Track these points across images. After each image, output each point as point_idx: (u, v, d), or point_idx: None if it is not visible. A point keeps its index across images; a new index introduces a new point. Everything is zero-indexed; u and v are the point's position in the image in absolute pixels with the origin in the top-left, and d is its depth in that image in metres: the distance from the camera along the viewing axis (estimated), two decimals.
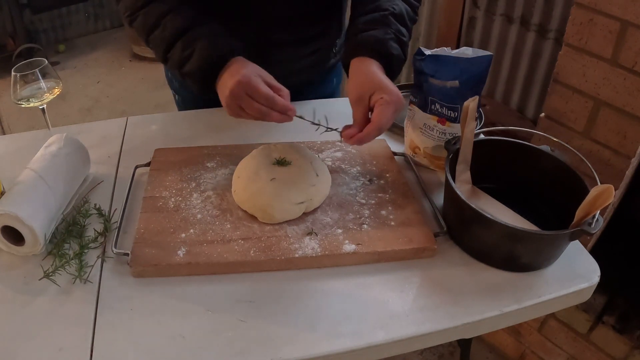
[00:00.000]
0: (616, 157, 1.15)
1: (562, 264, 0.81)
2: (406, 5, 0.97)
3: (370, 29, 0.90)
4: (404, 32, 0.93)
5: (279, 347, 0.67)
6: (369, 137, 0.82)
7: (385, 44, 0.88)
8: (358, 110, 0.84)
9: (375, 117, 0.82)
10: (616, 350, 1.35)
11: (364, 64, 0.87)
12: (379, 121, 0.81)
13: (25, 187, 0.79)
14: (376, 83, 0.84)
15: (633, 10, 1.02)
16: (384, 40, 0.89)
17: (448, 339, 0.75)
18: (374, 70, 0.86)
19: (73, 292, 0.74)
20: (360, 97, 0.84)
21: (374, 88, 0.83)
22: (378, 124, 0.81)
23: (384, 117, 0.81)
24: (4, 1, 3.20)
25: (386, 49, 0.88)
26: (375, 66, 0.87)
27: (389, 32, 0.90)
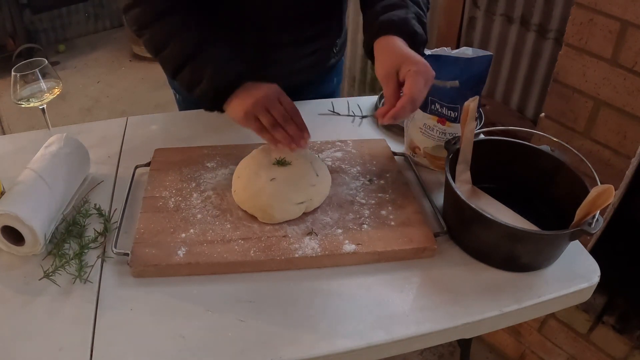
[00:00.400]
0: (616, 157, 1.15)
1: (562, 264, 0.81)
2: None
3: (390, 11, 0.89)
4: (422, 14, 0.93)
5: (279, 347, 0.67)
6: (404, 111, 0.79)
7: (408, 22, 0.88)
8: (388, 86, 0.81)
9: (407, 90, 0.79)
10: (616, 350, 1.35)
11: (388, 41, 0.86)
12: (411, 93, 0.78)
13: (25, 187, 0.79)
14: (403, 56, 0.82)
15: (633, 10, 1.02)
16: (407, 19, 0.88)
17: (448, 339, 0.75)
18: (399, 45, 0.85)
19: (73, 292, 0.74)
20: (388, 72, 0.82)
21: (401, 61, 0.81)
22: (411, 96, 0.78)
23: (416, 88, 0.78)
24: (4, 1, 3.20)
25: (409, 27, 0.87)
26: (400, 41, 0.85)
27: (409, 12, 0.89)
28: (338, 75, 1.29)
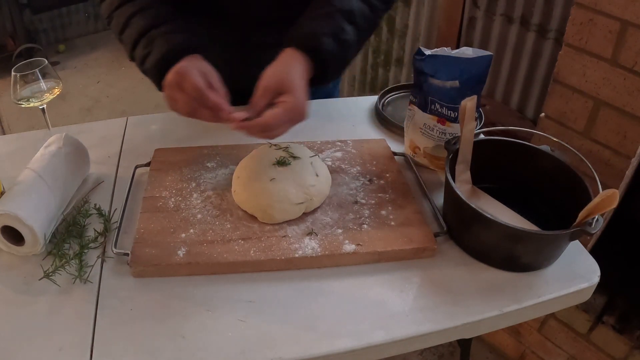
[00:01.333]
0: (616, 157, 1.15)
1: (562, 264, 0.81)
2: (364, 5, 0.91)
3: (309, 23, 0.86)
4: (347, 30, 0.87)
5: (279, 347, 0.67)
6: (250, 131, 0.77)
7: (318, 38, 0.83)
8: (260, 99, 0.79)
9: (267, 116, 0.76)
10: (616, 350, 1.35)
11: (292, 57, 0.82)
12: (269, 121, 0.76)
13: (25, 187, 0.79)
14: (289, 84, 0.78)
15: (633, 10, 1.02)
16: (317, 35, 0.84)
17: (448, 339, 0.75)
18: (296, 69, 0.81)
19: (73, 292, 0.74)
20: (267, 87, 0.79)
21: (285, 88, 0.78)
22: (267, 124, 0.76)
23: (277, 120, 0.76)
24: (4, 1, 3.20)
25: (317, 43, 0.83)
26: (301, 66, 0.82)
27: (326, 27, 0.85)
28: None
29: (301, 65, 0.82)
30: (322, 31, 0.84)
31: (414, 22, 2.12)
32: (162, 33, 0.86)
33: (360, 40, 0.91)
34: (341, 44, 0.85)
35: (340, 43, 0.85)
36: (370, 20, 0.92)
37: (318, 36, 0.84)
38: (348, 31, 0.87)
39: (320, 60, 0.83)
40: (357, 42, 0.89)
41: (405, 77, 2.25)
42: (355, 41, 0.88)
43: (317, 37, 0.83)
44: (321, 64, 0.84)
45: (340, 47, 0.85)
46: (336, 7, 0.87)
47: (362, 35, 0.90)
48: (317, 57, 0.83)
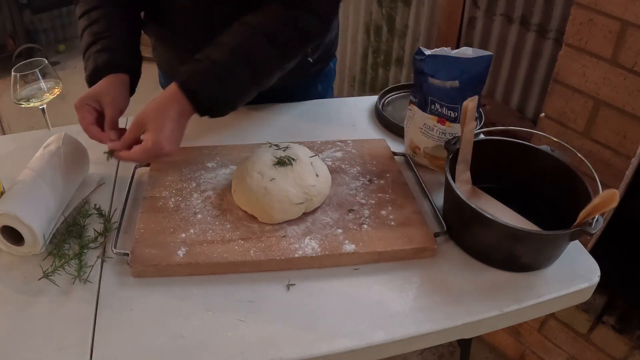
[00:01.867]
0: (616, 157, 1.15)
1: (562, 264, 0.81)
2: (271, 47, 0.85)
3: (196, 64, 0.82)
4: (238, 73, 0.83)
5: (279, 347, 0.67)
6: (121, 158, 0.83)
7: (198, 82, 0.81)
8: (129, 134, 0.82)
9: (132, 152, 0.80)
10: (616, 350, 1.35)
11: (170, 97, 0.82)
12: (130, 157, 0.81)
13: (25, 187, 0.79)
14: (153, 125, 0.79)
15: (633, 10, 1.02)
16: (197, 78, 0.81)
17: (448, 339, 0.75)
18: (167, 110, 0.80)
19: (73, 292, 0.74)
20: (136, 125, 0.81)
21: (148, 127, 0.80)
22: (129, 159, 0.82)
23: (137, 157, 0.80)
24: (4, 1, 3.20)
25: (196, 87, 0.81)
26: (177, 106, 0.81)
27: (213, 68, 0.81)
28: (323, 82, 1.24)
29: (176, 106, 0.81)
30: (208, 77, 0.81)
31: (414, 22, 2.12)
32: (95, 51, 0.89)
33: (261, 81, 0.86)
34: (229, 90, 0.83)
35: (228, 89, 0.83)
36: (278, 61, 0.88)
37: (201, 82, 0.81)
38: (241, 76, 0.83)
39: (200, 103, 0.82)
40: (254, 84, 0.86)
41: (405, 77, 2.26)
42: (251, 84, 0.85)
43: (200, 82, 0.81)
44: (201, 105, 0.82)
45: (227, 92, 0.83)
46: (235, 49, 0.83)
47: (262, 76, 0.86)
48: (196, 100, 0.81)
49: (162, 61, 1.19)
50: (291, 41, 0.87)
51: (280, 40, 0.85)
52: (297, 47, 0.89)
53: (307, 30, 0.88)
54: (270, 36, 0.85)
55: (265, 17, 0.86)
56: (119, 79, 0.88)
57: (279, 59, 0.87)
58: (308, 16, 0.87)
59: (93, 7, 0.94)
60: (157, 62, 1.20)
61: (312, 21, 0.88)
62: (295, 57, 0.90)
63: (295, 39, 0.88)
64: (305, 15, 0.87)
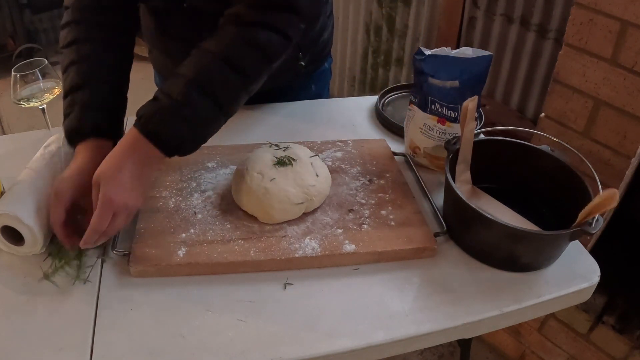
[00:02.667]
0: (616, 157, 1.15)
1: (562, 264, 0.81)
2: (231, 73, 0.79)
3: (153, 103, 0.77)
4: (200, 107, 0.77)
5: (279, 347, 0.67)
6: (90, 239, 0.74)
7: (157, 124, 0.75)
8: (94, 198, 0.74)
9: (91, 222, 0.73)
10: (616, 350, 1.35)
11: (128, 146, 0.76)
12: (92, 228, 0.73)
13: (25, 187, 0.79)
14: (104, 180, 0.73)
15: (633, 10, 1.02)
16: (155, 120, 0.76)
17: (448, 339, 0.75)
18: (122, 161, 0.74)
19: (73, 292, 0.74)
20: (95, 183, 0.74)
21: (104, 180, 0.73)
22: (93, 230, 0.73)
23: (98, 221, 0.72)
24: (4, 1, 3.20)
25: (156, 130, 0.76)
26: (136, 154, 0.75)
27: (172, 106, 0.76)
28: (316, 83, 1.22)
29: (135, 154, 0.75)
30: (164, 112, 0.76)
31: (414, 22, 2.12)
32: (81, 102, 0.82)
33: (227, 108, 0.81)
34: (190, 124, 0.77)
35: (189, 123, 0.77)
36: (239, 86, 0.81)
37: (157, 120, 0.76)
38: (201, 107, 0.77)
39: (164, 144, 0.76)
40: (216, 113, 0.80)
41: (405, 77, 2.25)
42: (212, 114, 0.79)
43: (156, 120, 0.76)
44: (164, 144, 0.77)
45: (188, 127, 0.77)
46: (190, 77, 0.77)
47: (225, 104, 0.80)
48: (160, 141, 0.76)
49: (158, 64, 1.19)
50: (252, 62, 0.81)
51: (240, 64, 0.80)
52: (260, 67, 0.83)
53: (267, 48, 0.82)
54: (228, 60, 0.79)
55: (223, 41, 0.80)
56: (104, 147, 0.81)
57: (242, 83, 0.81)
58: (267, 34, 0.81)
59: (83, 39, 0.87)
60: (154, 65, 1.20)
61: (271, 38, 0.82)
62: (261, 77, 0.84)
63: (257, 59, 0.82)
64: (264, 33, 0.81)
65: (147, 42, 1.13)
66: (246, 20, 0.81)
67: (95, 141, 0.81)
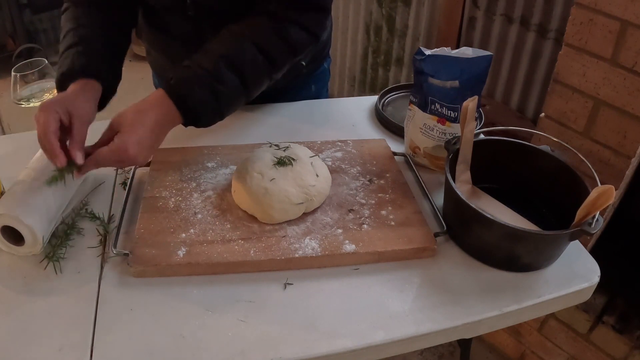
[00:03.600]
0: (616, 157, 1.15)
1: (562, 264, 0.81)
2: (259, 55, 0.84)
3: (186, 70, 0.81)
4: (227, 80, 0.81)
5: (279, 347, 0.67)
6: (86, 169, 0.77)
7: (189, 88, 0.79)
8: (105, 134, 0.78)
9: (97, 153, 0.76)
10: (616, 350, 1.35)
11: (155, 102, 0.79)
12: (94, 158, 0.75)
13: (25, 187, 0.79)
14: (126, 127, 0.76)
15: (633, 10, 1.02)
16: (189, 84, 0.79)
17: (448, 339, 0.75)
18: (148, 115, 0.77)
19: (73, 292, 0.74)
20: (112, 125, 0.77)
21: (121, 129, 0.76)
22: (94, 160, 0.76)
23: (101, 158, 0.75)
24: (4, 1, 3.20)
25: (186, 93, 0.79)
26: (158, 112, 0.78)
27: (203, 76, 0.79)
28: (317, 83, 1.23)
29: (160, 112, 0.78)
30: (197, 83, 0.79)
31: (414, 22, 2.12)
32: (75, 52, 0.85)
33: (249, 89, 0.85)
34: (217, 97, 0.81)
35: (216, 96, 0.81)
36: (266, 71, 0.86)
37: (190, 88, 0.79)
38: (230, 84, 0.81)
39: (188, 110, 0.80)
40: (243, 92, 0.84)
41: (405, 77, 2.25)
42: (239, 92, 0.84)
43: (188, 88, 0.79)
44: (188, 112, 0.80)
45: (215, 99, 0.81)
46: (225, 57, 0.81)
47: (252, 85, 0.85)
48: (184, 106, 0.79)
49: (156, 65, 1.19)
50: (280, 52, 0.87)
51: (269, 50, 0.84)
52: (286, 58, 0.88)
53: (296, 43, 0.88)
54: (259, 46, 0.83)
55: (255, 28, 0.85)
56: (92, 86, 0.83)
57: (268, 69, 0.86)
58: (297, 30, 0.87)
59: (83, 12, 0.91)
60: (152, 66, 1.20)
61: (301, 35, 0.88)
62: (284, 68, 0.89)
63: (284, 50, 0.87)
64: (294, 29, 0.87)
65: (146, 43, 1.13)
66: (280, 16, 0.86)
67: (84, 80, 0.82)
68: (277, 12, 0.86)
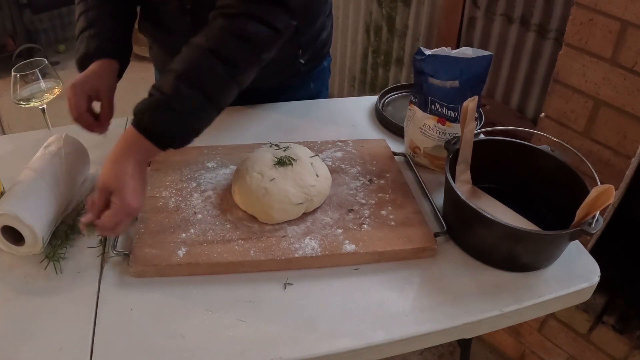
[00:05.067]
0: (616, 157, 1.15)
1: (562, 264, 0.81)
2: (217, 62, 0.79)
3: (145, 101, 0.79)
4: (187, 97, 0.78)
5: (279, 347, 0.67)
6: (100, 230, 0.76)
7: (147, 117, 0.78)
8: (99, 199, 0.76)
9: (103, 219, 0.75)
10: (616, 350, 1.35)
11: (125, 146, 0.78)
12: (103, 224, 0.75)
13: (25, 187, 0.79)
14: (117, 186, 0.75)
15: (633, 10, 1.02)
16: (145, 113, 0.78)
17: (448, 339, 0.75)
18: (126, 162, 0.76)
19: (73, 292, 0.74)
20: (102, 189, 0.76)
21: (113, 189, 0.75)
22: (103, 226, 0.75)
23: (110, 221, 0.75)
24: (4, 1, 3.20)
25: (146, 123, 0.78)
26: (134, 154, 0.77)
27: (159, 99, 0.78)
28: (316, 81, 1.22)
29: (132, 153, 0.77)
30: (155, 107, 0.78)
31: (414, 22, 2.12)
32: (88, 35, 0.94)
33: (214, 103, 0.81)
34: (181, 116, 0.79)
35: (180, 115, 0.78)
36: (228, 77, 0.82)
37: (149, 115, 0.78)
38: (189, 99, 0.78)
39: (157, 137, 0.78)
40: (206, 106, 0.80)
41: (405, 77, 2.25)
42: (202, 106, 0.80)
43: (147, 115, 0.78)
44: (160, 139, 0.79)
45: (179, 120, 0.79)
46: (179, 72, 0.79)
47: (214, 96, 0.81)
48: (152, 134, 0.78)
49: (158, 61, 1.19)
50: (240, 53, 0.82)
51: (228, 55, 0.81)
52: (248, 57, 0.83)
53: (256, 39, 0.83)
54: (216, 52, 0.80)
55: (211, 33, 0.82)
56: (109, 63, 0.93)
57: (230, 74, 0.82)
58: (255, 24, 0.83)
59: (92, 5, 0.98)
60: (154, 62, 1.21)
61: (260, 29, 0.83)
62: (251, 69, 0.84)
63: (245, 50, 0.83)
64: (252, 24, 0.82)
65: (148, 37, 1.13)
66: (234, 12, 0.82)
67: (101, 60, 0.93)
68: (232, 7, 0.83)
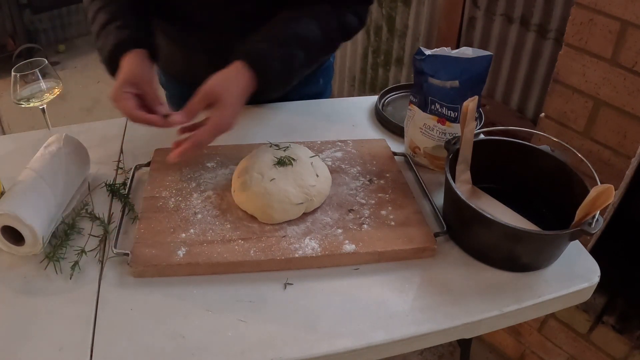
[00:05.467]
0: (616, 157, 1.15)
1: (562, 264, 0.81)
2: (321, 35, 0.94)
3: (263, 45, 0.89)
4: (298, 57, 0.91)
5: (279, 347, 0.67)
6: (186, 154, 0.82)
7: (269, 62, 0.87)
8: (196, 105, 0.83)
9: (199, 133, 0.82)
10: (616, 350, 1.35)
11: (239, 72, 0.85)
12: (198, 139, 0.81)
13: (25, 187, 0.79)
14: (223, 99, 0.82)
15: (633, 10, 1.02)
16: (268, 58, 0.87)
17: (448, 339, 0.75)
18: (237, 85, 0.84)
19: (73, 292, 0.74)
20: (205, 96, 0.82)
21: (218, 100, 0.81)
22: (196, 142, 0.81)
23: (205, 136, 0.81)
24: (4, 1, 3.20)
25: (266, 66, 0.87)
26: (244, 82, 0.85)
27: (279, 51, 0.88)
28: (325, 76, 1.27)
29: (244, 81, 0.85)
30: (274, 55, 0.88)
31: (414, 22, 2.12)
32: (115, 27, 0.92)
33: (309, 65, 0.96)
34: (288, 69, 0.91)
35: (288, 68, 0.90)
36: (324, 49, 0.99)
37: (269, 59, 0.87)
38: (298, 57, 0.91)
39: (265, 80, 0.87)
40: (304, 66, 0.94)
41: (405, 77, 2.25)
42: (302, 66, 0.94)
43: (267, 60, 0.87)
44: (265, 83, 0.87)
45: (287, 71, 0.91)
46: (293, 33, 0.91)
47: (311, 61, 0.96)
48: (263, 77, 0.86)
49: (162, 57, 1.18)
50: (337, 35, 0.98)
51: (330, 32, 0.95)
52: (340, 41, 1.01)
53: (350, 28, 0.99)
54: (323, 28, 0.93)
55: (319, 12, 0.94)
56: (140, 53, 0.90)
57: (325, 49, 0.98)
58: (352, 17, 0.98)
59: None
60: (162, 64, 1.20)
61: (354, 21, 0.99)
62: (333, 51, 1.03)
63: (339, 34, 0.98)
64: (350, 16, 0.98)
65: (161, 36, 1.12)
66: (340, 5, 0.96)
67: (135, 51, 0.89)
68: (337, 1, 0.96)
